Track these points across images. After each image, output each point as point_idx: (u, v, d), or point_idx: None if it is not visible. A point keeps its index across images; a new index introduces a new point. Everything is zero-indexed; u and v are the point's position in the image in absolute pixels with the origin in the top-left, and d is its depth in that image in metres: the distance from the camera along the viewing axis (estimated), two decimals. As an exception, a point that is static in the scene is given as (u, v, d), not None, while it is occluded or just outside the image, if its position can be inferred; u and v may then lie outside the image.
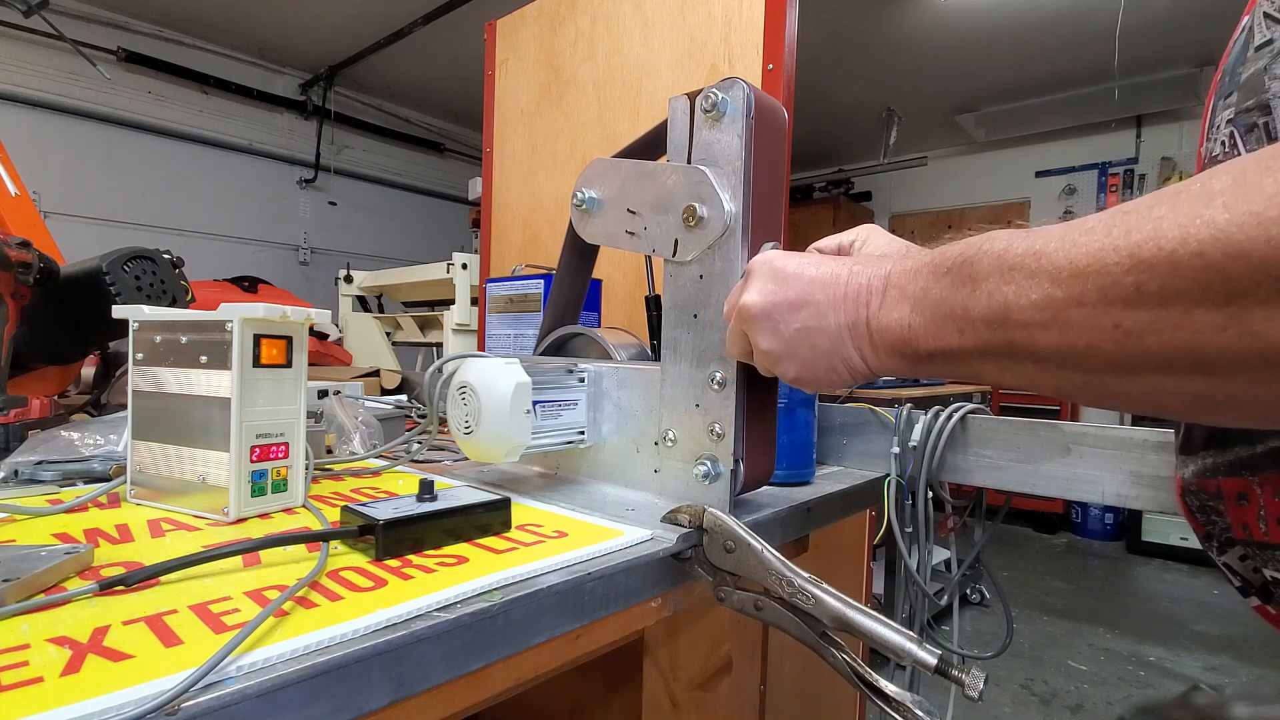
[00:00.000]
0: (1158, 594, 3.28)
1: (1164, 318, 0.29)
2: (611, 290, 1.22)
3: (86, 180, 3.75)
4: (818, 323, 0.46)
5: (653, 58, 1.17)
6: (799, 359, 0.48)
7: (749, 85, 0.55)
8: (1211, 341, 0.28)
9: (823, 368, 0.48)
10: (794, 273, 0.48)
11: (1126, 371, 0.32)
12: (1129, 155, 4.69)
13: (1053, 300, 0.33)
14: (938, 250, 0.41)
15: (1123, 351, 0.31)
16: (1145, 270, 0.29)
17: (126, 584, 0.36)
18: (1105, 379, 0.33)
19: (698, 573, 0.49)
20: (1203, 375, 0.29)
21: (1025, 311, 0.34)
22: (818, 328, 0.46)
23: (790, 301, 0.47)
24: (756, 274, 0.50)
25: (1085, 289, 0.31)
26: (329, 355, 2.11)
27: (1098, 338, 0.31)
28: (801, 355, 0.48)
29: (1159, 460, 0.63)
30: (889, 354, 0.44)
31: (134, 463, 0.57)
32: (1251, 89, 0.39)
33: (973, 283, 0.37)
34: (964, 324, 0.38)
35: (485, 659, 0.37)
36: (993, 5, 3.39)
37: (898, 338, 0.43)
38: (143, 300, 0.79)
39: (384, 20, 3.79)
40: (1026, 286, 0.34)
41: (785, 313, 0.47)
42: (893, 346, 0.43)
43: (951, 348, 0.39)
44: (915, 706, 0.36)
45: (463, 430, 0.59)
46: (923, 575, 0.79)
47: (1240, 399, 0.30)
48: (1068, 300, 0.32)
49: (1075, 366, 0.33)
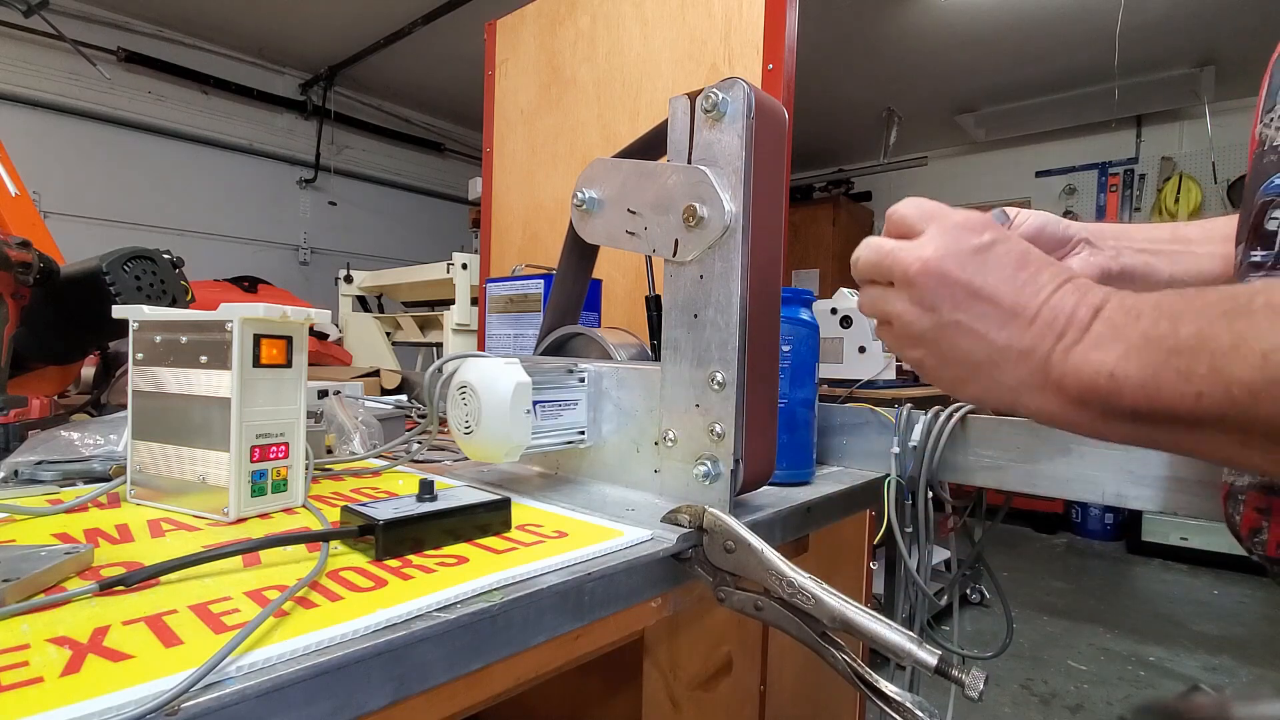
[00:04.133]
0: (1158, 594, 3.28)
1: None
2: (611, 290, 1.22)
3: (86, 180, 3.75)
4: (986, 329, 0.37)
5: (653, 58, 1.17)
6: (940, 353, 0.39)
7: (749, 85, 0.55)
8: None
9: (960, 376, 0.39)
10: (998, 258, 0.38)
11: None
12: (1129, 155, 4.69)
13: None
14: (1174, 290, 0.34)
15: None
16: None
17: (126, 584, 0.36)
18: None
19: (698, 573, 0.49)
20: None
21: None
22: (983, 334, 0.37)
23: (974, 288, 0.38)
24: (952, 228, 0.39)
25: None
26: (329, 355, 2.11)
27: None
28: (944, 351, 0.39)
29: (1159, 460, 0.63)
30: (1066, 402, 0.35)
31: (134, 463, 0.57)
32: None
33: (1235, 337, 0.30)
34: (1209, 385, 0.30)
35: (485, 659, 0.37)
36: (993, 5, 3.38)
37: (1089, 387, 0.34)
38: (143, 300, 0.79)
39: (384, 20, 3.79)
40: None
41: (960, 295, 0.38)
42: (1076, 394, 0.35)
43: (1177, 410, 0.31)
44: (915, 707, 0.36)
45: (463, 430, 0.59)
46: (923, 575, 0.79)
47: None
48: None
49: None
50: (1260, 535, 0.44)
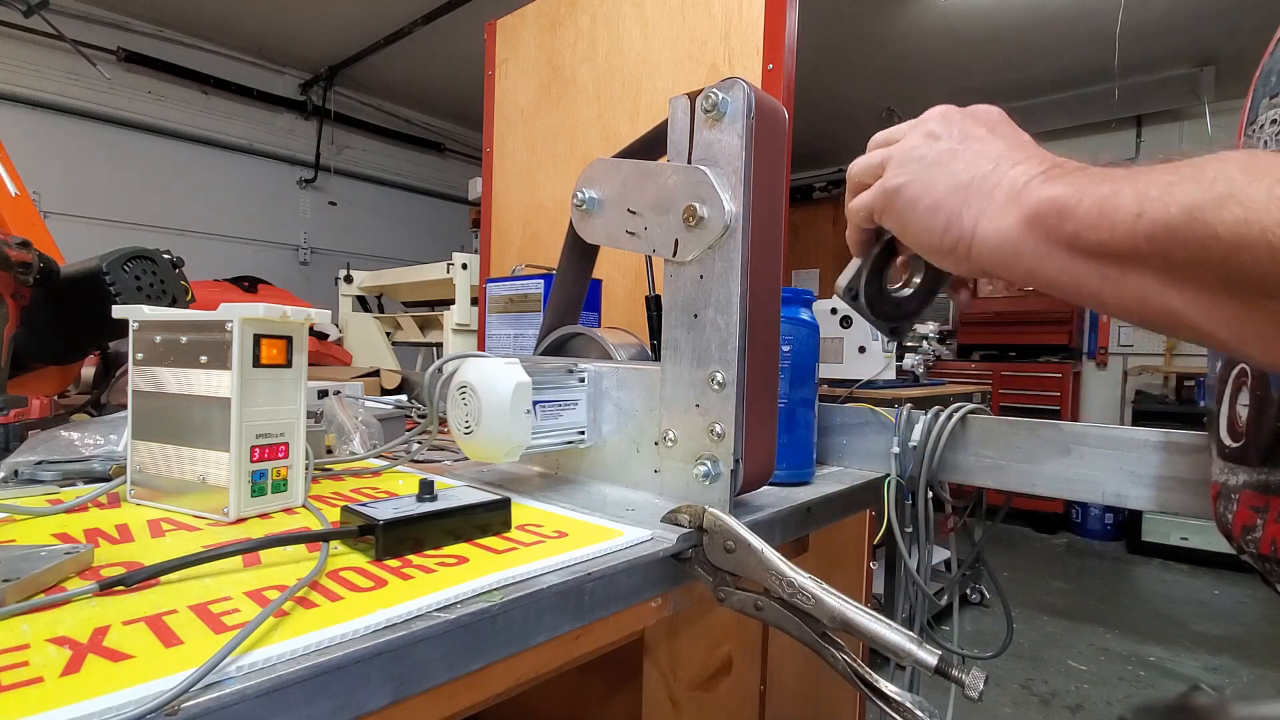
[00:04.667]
0: (1158, 594, 3.28)
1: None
2: (611, 290, 1.22)
3: (86, 180, 3.75)
4: (988, 151, 0.41)
5: (653, 58, 1.17)
6: (923, 167, 0.43)
7: (749, 85, 0.55)
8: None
9: (932, 195, 0.42)
10: (998, 115, 0.44)
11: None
12: (1129, 155, 4.68)
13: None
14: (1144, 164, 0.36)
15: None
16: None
17: (126, 584, 0.36)
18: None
19: (698, 573, 0.49)
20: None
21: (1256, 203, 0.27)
22: (966, 154, 0.41)
23: (992, 122, 0.43)
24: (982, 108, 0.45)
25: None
26: (329, 355, 2.11)
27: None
28: (929, 168, 0.42)
29: (1159, 460, 0.63)
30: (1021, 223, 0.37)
31: (134, 463, 0.57)
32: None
33: (1195, 174, 0.31)
34: (1148, 204, 0.31)
35: (485, 659, 0.37)
36: (993, 5, 3.38)
37: (1046, 201, 0.36)
38: (143, 300, 0.79)
39: (384, 20, 3.79)
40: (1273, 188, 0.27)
41: (962, 121, 0.43)
42: (1037, 212, 0.37)
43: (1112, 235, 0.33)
44: (915, 707, 0.36)
45: (463, 430, 0.59)
46: (923, 575, 0.79)
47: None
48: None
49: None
50: (1254, 533, 0.44)
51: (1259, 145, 0.43)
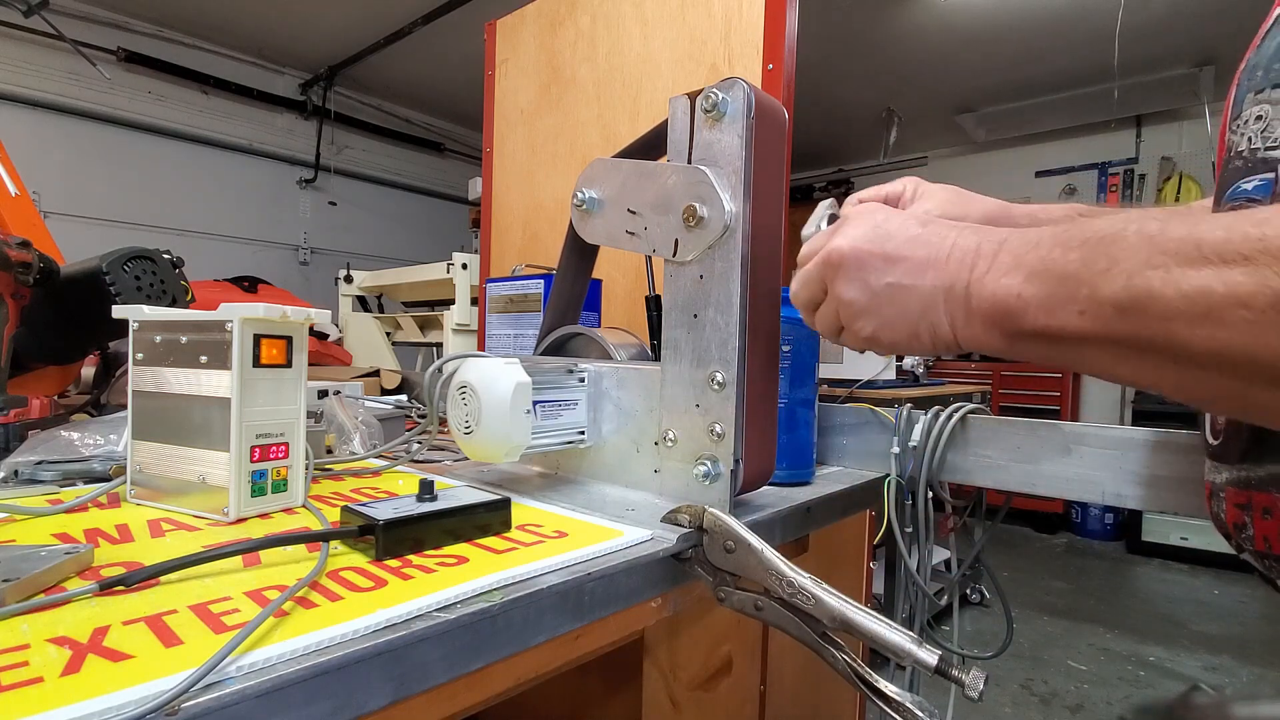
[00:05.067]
0: (1158, 594, 3.28)
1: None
2: (611, 290, 1.22)
3: (86, 180, 3.75)
4: (912, 281, 0.43)
5: (653, 58, 1.17)
6: (882, 317, 0.45)
7: (749, 85, 0.55)
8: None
9: (905, 331, 0.44)
10: (897, 227, 0.45)
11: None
12: (1129, 155, 4.69)
13: (1209, 295, 0.29)
14: (1071, 223, 0.38)
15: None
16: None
17: (126, 584, 0.36)
18: (1259, 391, 0.30)
19: (698, 573, 0.49)
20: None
21: (1171, 302, 0.30)
22: (911, 286, 0.43)
23: (887, 254, 0.44)
24: (854, 220, 0.47)
25: (1256, 290, 0.28)
26: (329, 355, 2.11)
27: (1259, 347, 0.28)
28: (886, 314, 0.45)
29: (1159, 460, 0.63)
30: (985, 324, 0.40)
31: (134, 463, 0.57)
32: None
33: (1109, 261, 0.33)
34: (1087, 305, 0.34)
35: (485, 659, 0.37)
36: (993, 5, 3.38)
37: (1000, 308, 0.39)
38: (143, 300, 0.79)
39: (384, 20, 3.79)
40: (1177, 276, 0.30)
41: (879, 264, 0.44)
42: (991, 317, 0.40)
43: (1065, 329, 0.36)
44: (915, 707, 0.36)
45: (463, 430, 0.59)
46: (923, 575, 0.79)
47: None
48: (1229, 299, 0.28)
49: (1222, 371, 0.30)
50: (1245, 531, 0.44)
51: (1243, 140, 0.43)
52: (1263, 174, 0.41)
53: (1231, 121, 0.45)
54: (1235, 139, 0.44)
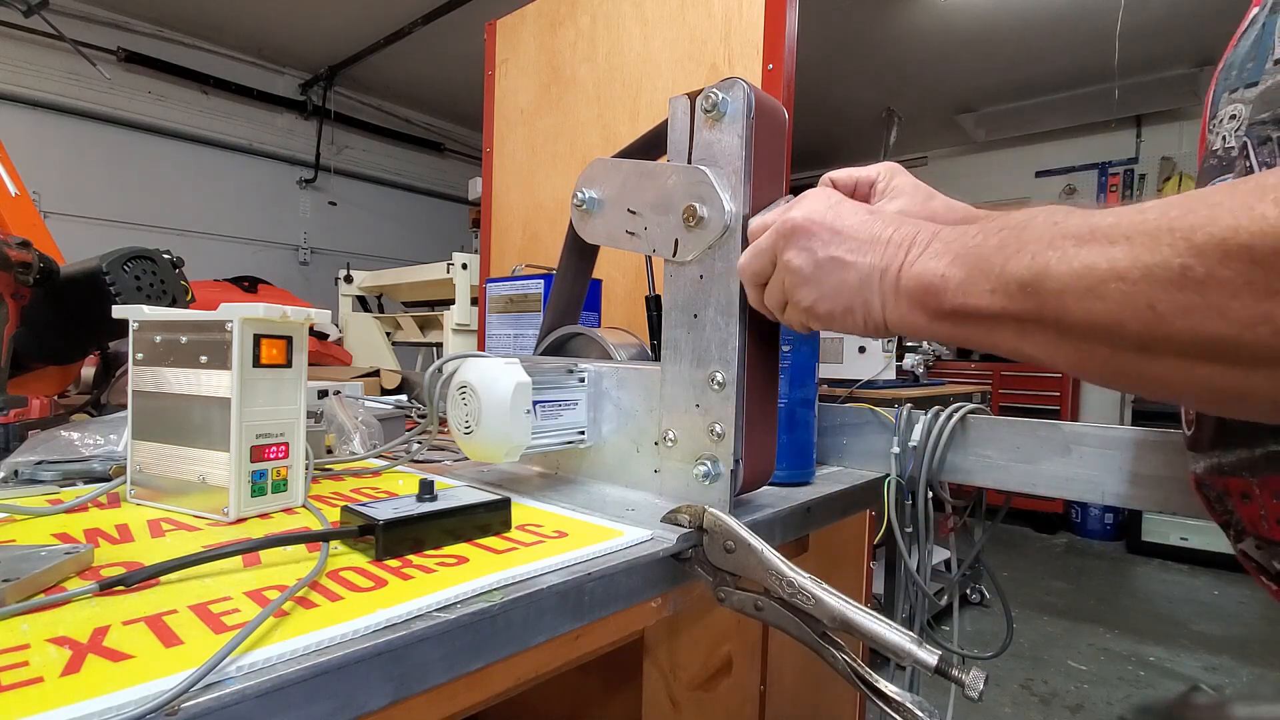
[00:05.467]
0: (1158, 594, 3.28)
1: (1200, 304, 0.29)
2: (611, 290, 1.22)
3: (86, 180, 3.75)
4: (853, 257, 0.46)
5: (653, 58, 1.17)
6: (822, 287, 0.47)
7: (749, 85, 0.55)
8: (1243, 334, 0.28)
9: (841, 304, 0.47)
10: (850, 208, 0.48)
11: (1150, 353, 0.32)
12: (1129, 155, 4.69)
13: (1093, 270, 0.32)
14: (998, 215, 0.41)
15: (1152, 333, 0.31)
16: (1195, 254, 0.29)
17: (126, 584, 0.36)
18: (1127, 357, 0.33)
19: (698, 573, 0.49)
20: (1225, 365, 0.30)
21: (1062, 278, 0.34)
22: (851, 262, 0.46)
23: (834, 227, 0.47)
24: (811, 197, 0.50)
25: (1131, 265, 0.31)
26: (329, 355, 2.11)
27: (1130, 315, 0.31)
28: (826, 284, 0.47)
29: (1159, 460, 0.63)
30: (910, 305, 0.43)
31: (134, 463, 0.57)
32: (1268, 102, 0.39)
33: (1019, 244, 0.36)
34: (997, 283, 0.37)
35: (485, 659, 0.37)
36: (993, 5, 3.38)
37: (924, 287, 0.42)
38: (143, 300, 0.79)
39: (384, 20, 3.79)
40: (1071, 254, 0.33)
41: (827, 235, 0.47)
42: (915, 296, 0.42)
43: (977, 306, 0.38)
44: (915, 706, 0.36)
45: (463, 430, 0.59)
46: (923, 575, 0.79)
47: (1259, 393, 0.30)
48: (1109, 273, 0.32)
49: (1100, 340, 0.33)
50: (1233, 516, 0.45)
51: (1218, 140, 0.44)
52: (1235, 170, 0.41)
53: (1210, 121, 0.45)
54: (1212, 138, 0.44)
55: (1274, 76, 0.39)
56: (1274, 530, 0.41)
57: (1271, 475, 0.40)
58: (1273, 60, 0.40)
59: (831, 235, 0.47)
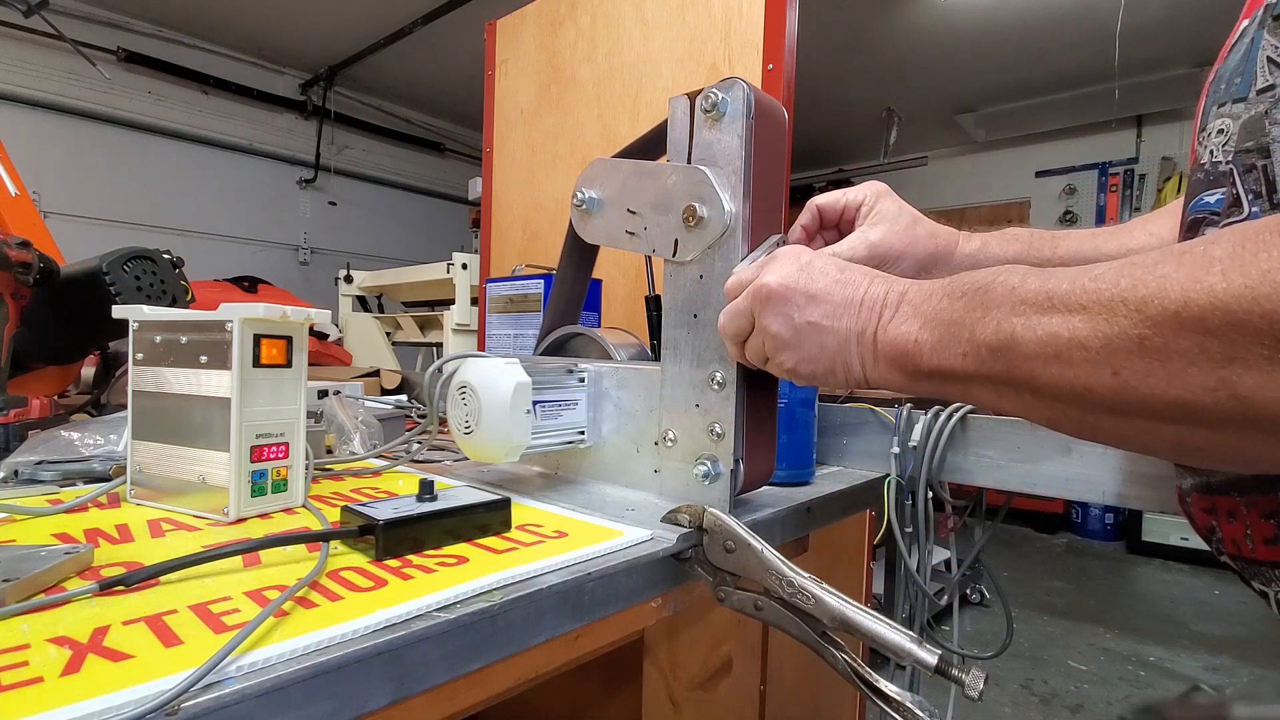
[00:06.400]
0: (1158, 594, 3.28)
1: (1161, 370, 0.30)
2: (611, 290, 1.22)
3: (86, 180, 3.75)
4: (830, 322, 0.47)
5: (653, 58, 1.17)
6: (802, 351, 0.49)
7: (749, 85, 0.55)
8: (1201, 399, 0.29)
9: (823, 366, 0.48)
10: (820, 269, 0.49)
11: (1119, 414, 0.33)
12: (1129, 155, 4.69)
13: (1057, 339, 0.34)
14: (956, 276, 0.42)
15: (1117, 396, 0.32)
16: (1150, 325, 0.30)
17: (126, 584, 0.36)
18: (1099, 418, 0.34)
19: (698, 573, 0.49)
20: (1190, 425, 0.31)
21: (1030, 345, 0.35)
22: (829, 327, 0.47)
23: (811, 293, 0.48)
24: (783, 259, 0.50)
25: (1091, 334, 0.33)
26: (329, 355, 2.11)
27: (1096, 380, 0.33)
28: (806, 348, 0.48)
29: (1159, 461, 0.63)
30: (889, 366, 0.45)
31: (134, 463, 0.57)
32: (1251, 131, 0.40)
33: (984, 309, 0.38)
34: (969, 347, 0.39)
35: (485, 659, 0.37)
36: (993, 5, 3.38)
37: (901, 351, 0.43)
38: (143, 300, 0.79)
39: (384, 20, 3.79)
40: (1034, 322, 0.35)
41: (802, 301, 0.48)
42: (894, 359, 0.44)
43: (953, 369, 0.40)
44: (915, 706, 0.36)
45: (463, 430, 0.59)
46: (923, 575, 0.79)
47: (1222, 449, 0.31)
48: (1071, 341, 0.33)
49: (1071, 402, 0.35)
50: (1215, 534, 0.45)
51: (1205, 153, 0.44)
52: (1223, 187, 0.42)
53: (1199, 133, 0.45)
54: (1200, 150, 0.45)
55: (1257, 106, 0.40)
56: (1259, 550, 0.41)
57: (1259, 495, 0.41)
58: (1255, 90, 0.40)
59: (807, 300, 0.48)
